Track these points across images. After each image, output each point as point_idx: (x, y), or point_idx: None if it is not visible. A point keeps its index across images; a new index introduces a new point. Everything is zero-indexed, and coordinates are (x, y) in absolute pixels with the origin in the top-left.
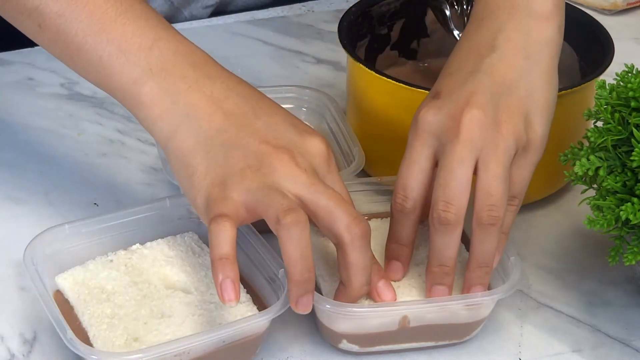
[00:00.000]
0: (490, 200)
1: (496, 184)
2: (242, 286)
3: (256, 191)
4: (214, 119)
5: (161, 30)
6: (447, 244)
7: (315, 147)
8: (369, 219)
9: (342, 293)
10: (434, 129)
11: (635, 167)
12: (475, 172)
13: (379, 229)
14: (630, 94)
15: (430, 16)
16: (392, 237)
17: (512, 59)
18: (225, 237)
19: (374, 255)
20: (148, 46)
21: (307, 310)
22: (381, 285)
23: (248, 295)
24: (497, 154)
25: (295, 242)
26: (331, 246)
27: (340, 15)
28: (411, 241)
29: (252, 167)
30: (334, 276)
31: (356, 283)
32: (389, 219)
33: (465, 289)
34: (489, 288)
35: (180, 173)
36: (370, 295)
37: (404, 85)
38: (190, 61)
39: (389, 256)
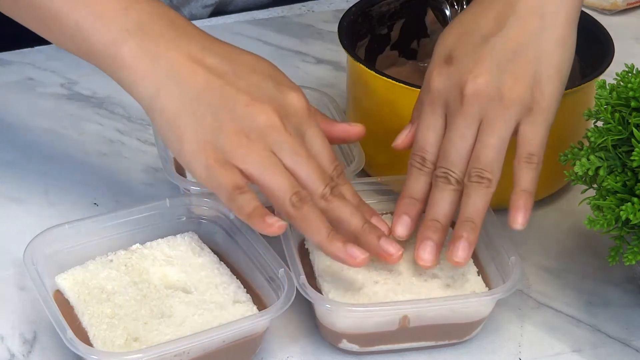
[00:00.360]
0: (479, 165)
1: (487, 153)
2: (242, 286)
3: (256, 166)
4: (197, 78)
5: None
6: (444, 200)
7: (296, 102)
8: None
9: (363, 246)
10: (443, 95)
11: (636, 167)
12: None
13: None
14: (631, 94)
15: (430, 16)
16: (405, 193)
17: (527, 18)
18: (251, 198)
19: (358, 202)
20: (124, 8)
21: (365, 258)
22: (382, 242)
23: (248, 295)
24: (494, 127)
25: (313, 218)
26: None
27: (340, 15)
28: (424, 198)
29: (244, 131)
30: (335, 276)
31: (356, 228)
32: (388, 216)
33: (451, 243)
34: (489, 287)
35: (167, 135)
36: (375, 254)
37: (404, 85)
38: (166, 21)
39: (400, 211)
